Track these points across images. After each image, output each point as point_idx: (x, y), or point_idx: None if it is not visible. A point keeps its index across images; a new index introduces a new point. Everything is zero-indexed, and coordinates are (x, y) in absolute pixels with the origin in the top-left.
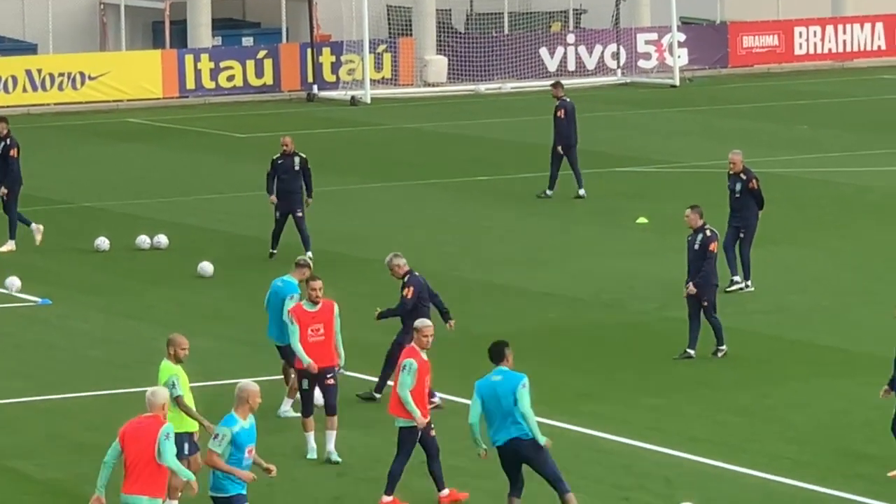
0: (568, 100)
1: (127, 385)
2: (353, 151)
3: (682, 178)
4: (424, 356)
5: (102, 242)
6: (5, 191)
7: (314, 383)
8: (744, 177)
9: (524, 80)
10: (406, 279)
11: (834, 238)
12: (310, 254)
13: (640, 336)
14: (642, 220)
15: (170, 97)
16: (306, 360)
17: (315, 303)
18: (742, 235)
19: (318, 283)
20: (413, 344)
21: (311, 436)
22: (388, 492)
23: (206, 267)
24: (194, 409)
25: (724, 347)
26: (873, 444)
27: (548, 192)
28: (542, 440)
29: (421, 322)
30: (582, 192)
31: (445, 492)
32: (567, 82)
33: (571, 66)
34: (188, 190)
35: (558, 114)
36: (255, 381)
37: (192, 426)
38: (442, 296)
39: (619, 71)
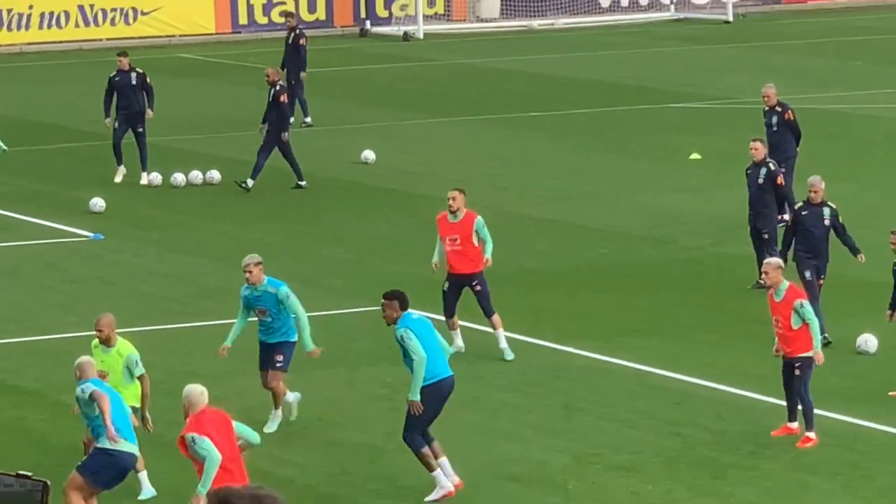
0: (302, 29)
1: (179, 320)
2: (405, 87)
3: (735, 114)
4: None
5: (155, 178)
6: (151, 114)
7: (457, 287)
8: (779, 109)
9: (577, 16)
10: None
11: (887, 174)
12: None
13: (692, 272)
14: (695, 155)
15: (222, 32)
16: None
17: (455, 213)
18: (783, 169)
19: (454, 193)
20: None
21: (457, 334)
22: None
23: (370, 154)
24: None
25: None
26: None
27: (307, 119)
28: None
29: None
30: (308, 119)
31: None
32: (621, 18)
33: (625, 2)
34: (239, 125)
35: (301, 42)
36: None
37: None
38: (493, 231)
39: (672, 6)
